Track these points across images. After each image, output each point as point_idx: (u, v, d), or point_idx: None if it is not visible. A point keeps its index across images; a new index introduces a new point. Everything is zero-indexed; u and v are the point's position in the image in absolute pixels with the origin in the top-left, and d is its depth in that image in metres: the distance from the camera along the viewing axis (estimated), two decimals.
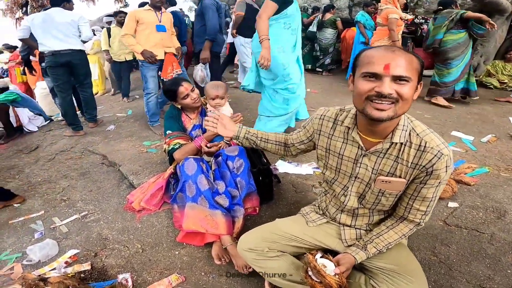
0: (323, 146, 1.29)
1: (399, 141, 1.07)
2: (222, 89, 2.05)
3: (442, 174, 1.06)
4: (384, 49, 0.98)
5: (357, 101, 1.02)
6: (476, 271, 1.52)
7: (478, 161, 2.64)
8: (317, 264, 1.13)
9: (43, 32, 3.39)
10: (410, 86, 0.95)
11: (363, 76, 0.98)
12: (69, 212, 2.25)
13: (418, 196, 1.13)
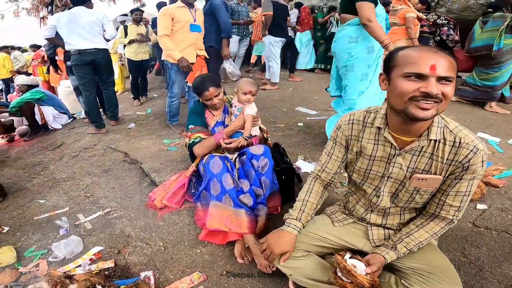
0: (353, 150, 1.27)
1: (436, 138, 1.07)
2: (256, 87, 2.07)
3: (478, 168, 1.06)
4: (425, 49, 0.99)
5: (398, 101, 1.01)
6: (507, 272, 1.49)
7: (505, 163, 2.56)
8: (347, 265, 1.12)
9: (68, 31, 3.46)
10: (452, 86, 0.97)
11: (405, 76, 0.98)
12: (93, 208, 2.30)
13: (451, 191, 1.13)
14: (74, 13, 3.50)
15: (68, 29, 3.46)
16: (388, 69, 1.06)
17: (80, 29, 3.47)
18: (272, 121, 3.67)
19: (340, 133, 1.28)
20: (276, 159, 1.92)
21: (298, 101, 4.50)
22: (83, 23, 3.48)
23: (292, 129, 3.39)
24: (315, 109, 4.10)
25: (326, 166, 1.35)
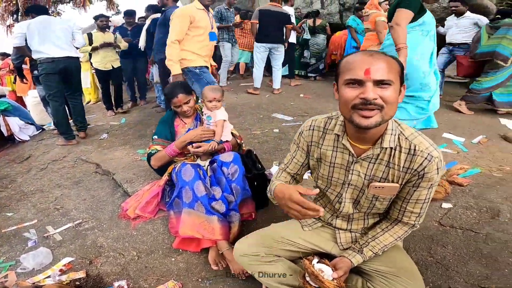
0: (314, 157, 1.27)
1: (389, 146, 1.08)
2: (219, 92, 2.10)
3: (433, 176, 1.07)
4: (362, 54, 0.99)
5: (344, 110, 1.02)
6: (473, 270, 1.52)
7: (470, 162, 2.68)
8: (314, 270, 1.13)
9: (41, 39, 3.37)
10: (392, 89, 0.95)
11: (345, 83, 0.98)
12: (63, 220, 2.23)
13: (411, 199, 1.14)
14: (45, 21, 3.41)
15: (40, 37, 3.36)
16: (336, 78, 1.05)
17: (54, 37, 3.40)
18: (248, 128, 3.68)
19: (302, 139, 1.28)
20: (248, 166, 1.94)
21: (274, 108, 4.55)
22: (56, 30, 3.42)
23: (268, 135, 3.42)
24: (291, 115, 4.16)
25: (288, 166, 1.37)
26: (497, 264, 1.53)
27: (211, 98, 2.06)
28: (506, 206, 1.95)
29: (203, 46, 2.88)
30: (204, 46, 2.88)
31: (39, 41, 3.36)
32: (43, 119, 4.90)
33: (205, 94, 2.09)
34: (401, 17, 2.26)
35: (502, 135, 3.28)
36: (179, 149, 2.01)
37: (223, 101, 2.14)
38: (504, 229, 1.77)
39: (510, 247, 1.63)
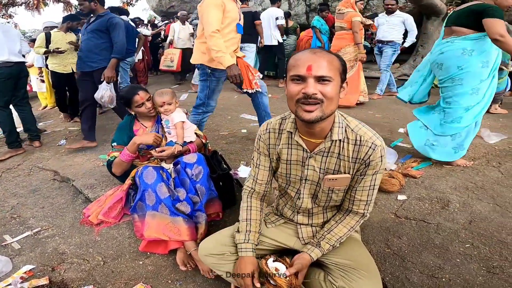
0: (274, 158, 1.31)
1: (338, 138, 1.14)
2: (167, 95, 2.05)
3: (378, 163, 1.15)
4: (308, 51, 1.04)
5: (290, 104, 1.08)
6: (427, 261, 1.58)
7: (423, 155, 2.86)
8: (268, 269, 1.19)
9: (3, 43, 3.24)
10: (332, 85, 1.02)
11: (291, 79, 1.04)
12: (21, 229, 2.14)
13: (358, 187, 1.21)
14: (4, 25, 3.38)
15: (2, 41, 3.24)
16: (286, 75, 1.10)
17: (11, 42, 3.30)
18: (216, 129, 3.69)
19: (262, 143, 1.31)
20: (214, 166, 1.96)
21: (243, 108, 4.58)
22: (13, 36, 3.36)
23: (236, 135, 3.45)
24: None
25: (257, 177, 1.36)
26: (449, 254, 1.61)
27: (160, 103, 2.02)
28: (455, 196, 2.11)
29: (232, 38, 2.55)
30: (232, 38, 2.56)
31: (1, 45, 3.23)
32: None
33: (154, 100, 2.06)
34: (499, 27, 2.17)
35: None
36: (132, 153, 1.94)
37: (176, 103, 2.09)
38: (454, 218, 1.89)
39: (460, 237, 1.73)
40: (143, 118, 2.14)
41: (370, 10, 6.95)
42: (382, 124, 3.77)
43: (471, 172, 2.45)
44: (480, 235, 1.73)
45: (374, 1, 6.92)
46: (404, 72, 6.92)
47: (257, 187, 1.37)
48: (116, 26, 3.14)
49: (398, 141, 3.19)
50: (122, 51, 3.19)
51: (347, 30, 4.33)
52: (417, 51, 6.86)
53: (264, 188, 1.38)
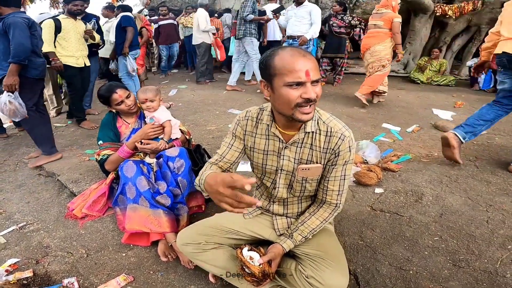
0: (248, 146, 1.35)
1: (311, 130, 1.21)
2: (150, 92, 2.05)
3: (346, 153, 1.22)
4: (297, 54, 1.04)
5: (285, 108, 1.09)
6: (396, 253, 1.62)
7: (403, 149, 2.95)
8: (242, 257, 1.24)
9: None
10: (319, 85, 1.09)
11: (288, 85, 1.04)
12: (6, 224, 2.15)
13: (330, 177, 1.27)
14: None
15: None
16: (269, 77, 1.10)
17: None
18: (203, 124, 3.73)
19: (239, 128, 1.34)
20: (197, 160, 2.00)
21: (231, 104, 4.63)
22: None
23: (223, 130, 3.50)
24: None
25: (224, 156, 1.36)
26: (418, 247, 1.66)
27: (142, 100, 2.04)
28: (429, 189, 2.19)
29: None
30: None
31: None
32: None
33: (137, 97, 2.08)
34: None
35: (433, 124, 3.64)
36: (131, 149, 1.99)
37: (159, 101, 2.10)
38: (426, 211, 1.96)
39: (430, 230, 1.79)
40: (125, 115, 2.16)
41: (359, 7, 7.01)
42: (366, 119, 3.85)
43: (447, 166, 2.55)
44: (450, 228, 1.80)
45: None
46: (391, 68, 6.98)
47: (221, 164, 1.37)
48: (10, 26, 2.65)
49: (381, 135, 3.28)
50: (20, 53, 2.62)
51: (383, 28, 4.27)
52: (404, 47, 6.94)
53: (227, 167, 1.38)
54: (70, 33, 3.76)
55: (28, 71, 2.75)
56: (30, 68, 2.76)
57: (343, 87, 5.76)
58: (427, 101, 4.78)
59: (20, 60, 2.63)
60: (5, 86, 2.62)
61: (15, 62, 2.62)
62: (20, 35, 2.64)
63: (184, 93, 5.51)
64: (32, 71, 2.79)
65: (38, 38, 2.86)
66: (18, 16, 2.69)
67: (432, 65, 6.27)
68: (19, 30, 2.64)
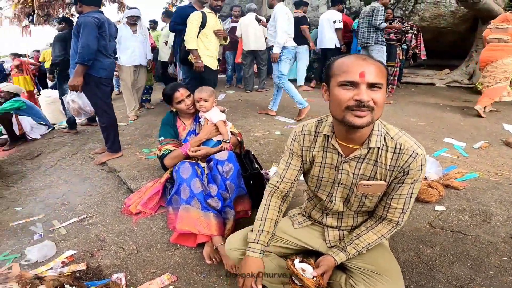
0: (307, 161, 1.30)
1: (376, 146, 1.13)
2: (205, 92, 2.13)
3: (417, 172, 1.12)
4: (355, 57, 1.03)
5: (337, 111, 1.05)
6: (458, 272, 1.54)
7: (469, 166, 2.69)
8: (295, 269, 1.19)
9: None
10: (382, 92, 1.01)
11: (340, 85, 1.01)
12: (69, 215, 2.33)
13: (395, 194, 1.18)
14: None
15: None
16: (327, 79, 1.09)
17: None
18: (250, 130, 3.75)
19: (296, 143, 1.30)
20: (246, 165, 2.00)
21: (277, 110, 4.61)
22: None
23: (270, 137, 3.48)
24: (294, 118, 4.22)
25: (284, 176, 1.34)
26: (483, 266, 1.56)
27: (197, 98, 2.12)
28: (499, 210, 1.98)
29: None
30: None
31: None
32: (55, 117, 5.05)
33: (194, 95, 2.17)
34: None
35: (504, 141, 3.27)
36: (195, 147, 2.06)
37: (213, 102, 2.17)
38: (494, 231, 1.79)
39: (499, 250, 1.65)
40: (183, 116, 2.26)
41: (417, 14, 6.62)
42: (425, 132, 3.59)
43: None
44: None
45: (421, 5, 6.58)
46: (454, 78, 6.50)
47: (282, 185, 1.37)
48: (81, 25, 2.74)
49: (443, 150, 3.02)
50: (84, 54, 2.70)
51: (508, 42, 4.23)
52: (470, 56, 6.42)
53: (289, 187, 1.37)
54: (211, 29, 3.46)
55: (97, 71, 2.86)
56: (98, 68, 2.86)
57: (397, 98, 5.44)
58: (497, 115, 4.33)
59: (84, 61, 2.70)
60: (70, 86, 2.77)
61: (80, 62, 2.72)
62: (87, 36, 2.72)
63: (232, 97, 5.61)
64: (101, 71, 2.89)
65: (107, 38, 2.92)
66: (90, 16, 2.77)
67: None
68: (88, 31, 2.72)
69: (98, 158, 3.22)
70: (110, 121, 3.09)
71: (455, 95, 5.54)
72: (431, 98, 5.26)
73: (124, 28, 4.51)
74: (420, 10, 6.57)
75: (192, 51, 3.34)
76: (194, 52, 3.34)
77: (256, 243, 1.28)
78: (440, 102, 5.01)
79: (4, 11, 10.81)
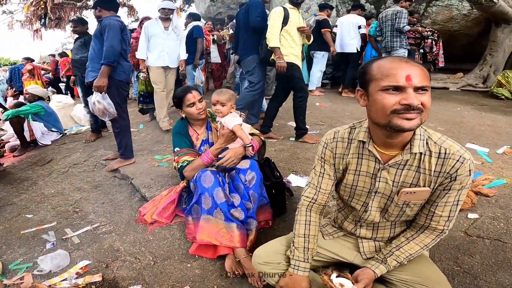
0: (340, 168, 1.24)
1: (419, 151, 1.06)
2: (223, 95, 1.95)
3: (465, 178, 1.05)
4: (397, 60, 0.97)
5: (381, 116, 0.99)
6: (502, 280, 1.48)
7: (495, 172, 2.59)
8: (333, 285, 1.10)
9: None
10: (428, 95, 0.96)
11: (383, 89, 0.96)
12: (81, 223, 2.26)
13: (440, 202, 1.11)
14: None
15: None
16: (365, 84, 1.03)
17: None
18: (265, 137, 3.66)
19: (328, 151, 1.24)
20: (267, 174, 1.92)
21: (290, 116, 4.52)
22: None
23: (284, 143, 3.40)
24: (307, 123, 4.11)
25: (320, 187, 1.28)
26: None
27: (214, 101, 1.97)
28: None
29: None
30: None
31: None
32: (65, 123, 5.02)
33: (211, 97, 2.01)
34: None
35: None
36: (215, 156, 1.93)
37: (231, 107, 1.99)
38: None
39: None
40: (195, 124, 2.12)
41: (429, 17, 6.53)
42: None
43: None
44: None
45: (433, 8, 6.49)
46: (469, 82, 6.37)
47: (320, 196, 1.29)
48: (105, 28, 2.78)
49: None
50: (110, 55, 2.74)
51: None
52: (484, 59, 6.29)
53: (326, 198, 1.30)
54: (294, 26, 3.23)
55: (118, 74, 2.89)
56: (119, 71, 2.90)
57: None
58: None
59: (110, 62, 2.75)
60: (95, 87, 2.77)
61: (106, 63, 2.75)
62: (113, 38, 2.78)
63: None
64: (121, 74, 2.93)
65: (127, 42, 2.99)
66: (114, 19, 2.86)
67: None
68: (113, 33, 2.78)
69: (110, 165, 3.15)
70: (124, 126, 3.04)
71: (471, 100, 5.41)
72: (447, 103, 5.14)
73: (155, 23, 3.98)
74: (432, 13, 6.47)
75: (274, 50, 3.10)
76: (276, 51, 3.09)
77: (306, 261, 1.24)
78: (457, 107, 4.89)
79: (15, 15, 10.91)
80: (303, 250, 1.25)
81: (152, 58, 3.99)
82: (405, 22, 4.74)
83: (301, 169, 2.72)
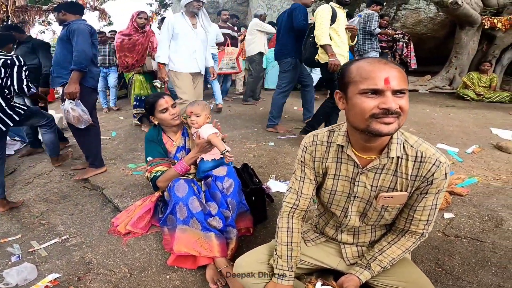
0: (320, 172, 1.21)
1: (396, 155, 1.05)
2: (198, 106, 1.89)
3: (442, 181, 1.05)
4: (375, 61, 0.95)
5: (359, 120, 0.96)
6: (484, 280, 1.49)
7: (466, 171, 2.68)
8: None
9: None
10: (406, 99, 0.94)
11: (362, 93, 0.93)
12: (49, 236, 2.12)
13: (418, 206, 1.11)
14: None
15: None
16: (344, 86, 1.00)
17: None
18: (243, 141, 3.62)
19: (307, 155, 1.21)
20: (245, 180, 1.87)
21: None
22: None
23: (263, 148, 3.36)
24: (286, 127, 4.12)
25: (301, 192, 1.24)
26: (508, 273, 1.51)
27: (188, 113, 1.90)
28: (508, 215, 1.94)
29: None
30: None
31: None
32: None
33: (186, 109, 1.93)
34: None
35: (495, 145, 3.31)
36: (189, 165, 1.87)
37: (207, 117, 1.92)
38: (510, 237, 1.75)
39: None
40: (168, 131, 2.05)
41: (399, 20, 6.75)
42: None
43: None
44: None
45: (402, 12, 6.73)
46: (436, 84, 6.64)
47: (302, 202, 1.25)
48: (74, 32, 2.63)
49: None
50: (82, 60, 2.58)
51: None
52: (450, 62, 6.59)
53: (308, 203, 1.26)
54: (342, 26, 3.09)
55: (86, 80, 2.72)
56: (88, 77, 2.73)
57: None
58: (482, 119, 4.41)
59: (82, 67, 2.60)
60: (67, 94, 2.60)
61: (77, 69, 2.59)
62: (84, 42, 2.62)
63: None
64: (89, 80, 2.75)
65: (96, 47, 2.85)
66: (82, 23, 2.71)
67: (481, 81, 5.85)
68: (83, 37, 2.63)
69: (78, 174, 2.98)
70: (94, 133, 2.88)
71: (439, 101, 5.63)
72: (417, 104, 5.31)
73: (181, 18, 3.21)
74: (402, 17, 6.68)
75: (325, 48, 2.95)
76: (328, 49, 2.95)
77: (290, 270, 1.20)
78: (427, 108, 5.07)
79: None
80: (286, 258, 1.21)
81: (180, 62, 3.25)
82: (375, 25, 4.85)
83: (280, 173, 2.70)
